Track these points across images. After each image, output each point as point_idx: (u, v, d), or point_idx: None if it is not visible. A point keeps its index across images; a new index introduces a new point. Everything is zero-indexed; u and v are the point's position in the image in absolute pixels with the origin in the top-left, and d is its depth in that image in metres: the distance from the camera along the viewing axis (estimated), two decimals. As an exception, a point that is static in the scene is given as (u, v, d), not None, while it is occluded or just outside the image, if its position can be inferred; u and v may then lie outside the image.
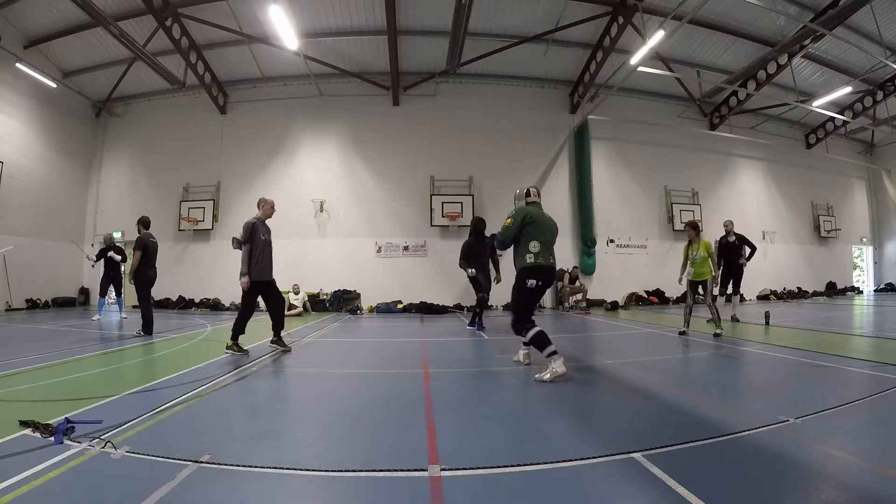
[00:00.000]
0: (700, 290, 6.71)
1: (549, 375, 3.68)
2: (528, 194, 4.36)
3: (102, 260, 9.32)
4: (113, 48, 11.71)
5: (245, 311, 5.36)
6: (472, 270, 7.12)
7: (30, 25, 11.38)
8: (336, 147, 13.41)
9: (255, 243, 5.33)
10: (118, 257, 9.25)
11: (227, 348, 5.16)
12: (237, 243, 5.42)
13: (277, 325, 5.56)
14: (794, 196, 16.43)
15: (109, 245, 9.38)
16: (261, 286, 5.40)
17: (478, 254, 7.21)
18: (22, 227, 11.79)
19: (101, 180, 14.13)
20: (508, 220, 4.14)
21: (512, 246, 4.18)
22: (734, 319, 8.09)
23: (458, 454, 2.16)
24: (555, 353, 3.77)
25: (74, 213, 13.65)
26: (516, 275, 4.13)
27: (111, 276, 9.35)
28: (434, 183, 13.17)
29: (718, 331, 6.28)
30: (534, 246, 4.02)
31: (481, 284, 7.25)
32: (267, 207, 5.63)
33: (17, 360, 4.66)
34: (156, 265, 6.98)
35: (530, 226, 4.06)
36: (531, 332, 3.93)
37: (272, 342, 5.56)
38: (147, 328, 6.64)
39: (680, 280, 7.11)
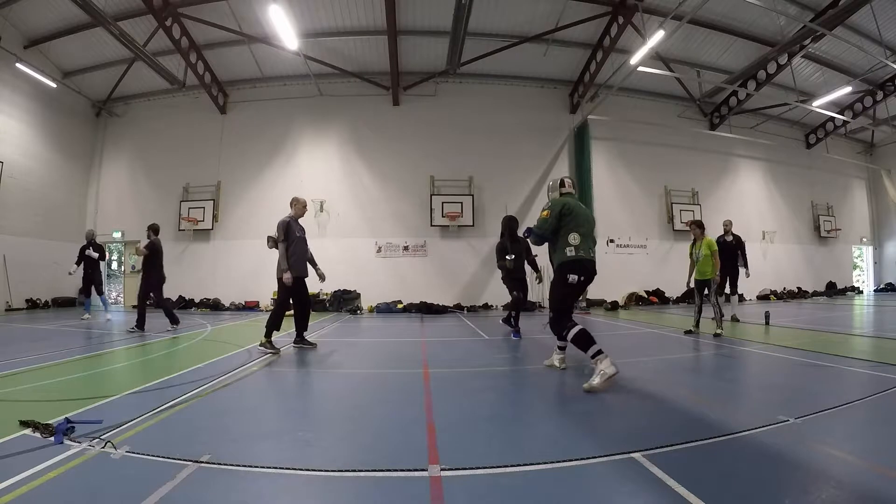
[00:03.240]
0: (706, 289, 6.71)
1: (598, 380, 3.33)
2: (562, 184, 4.09)
3: (83, 261, 9.16)
4: (113, 48, 11.71)
5: (280, 308, 5.48)
6: (511, 257, 6.70)
7: (30, 25, 11.37)
8: (336, 147, 13.41)
9: (291, 240, 5.43)
10: (95, 255, 9.15)
11: (260, 345, 5.24)
12: (273, 242, 5.51)
13: (302, 326, 5.69)
14: (793, 196, 16.43)
15: (90, 241, 9.26)
16: (296, 283, 5.47)
17: (513, 254, 6.97)
18: (22, 227, 11.79)
19: (101, 180, 14.11)
20: (545, 213, 3.86)
21: (548, 241, 3.92)
22: (734, 319, 8.11)
23: (458, 454, 2.16)
24: (600, 352, 3.46)
25: (74, 213, 13.63)
26: (555, 270, 3.87)
27: (90, 275, 9.20)
28: (434, 183, 13.17)
29: (719, 331, 6.28)
30: (573, 238, 3.74)
31: (515, 283, 7.12)
32: (300, 206, 5.74)
33: (17, 360, 4.67)
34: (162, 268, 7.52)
35: (568, 217, 3.78)
36: (573, 331, 3.62)
37: (296, 342, 5.64)
38: (173, 319, 7.31)
39: (688, 284, 7.09)
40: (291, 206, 5.73)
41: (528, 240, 4.11)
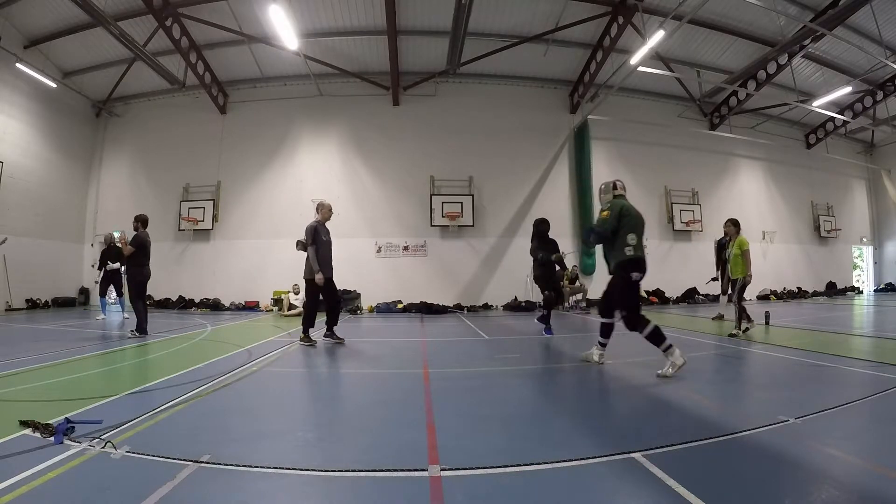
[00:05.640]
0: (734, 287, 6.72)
1: (671, 369, 3.73)
2: (614, 187, 4.29)
3: (101, 259, 9.39)
4: (113, 48, 11.70)
5: (312, 307, 5.98)
6: (543, 255, 6.75)
7: (30, 25, 11.37)
8: (336, 147, 13.41)
9: (319, 244, 5.77)
10: (116, 265, 9.18)
11: (300, 341, 5.78)
12: (302, 246, 5.85)
13: (332, 321, 6.07)
14: (794, 196, 16.42)
15: (110, 244, 9.38)
16: (325, 283, 5.81)
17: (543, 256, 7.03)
18: (22, 227, 11.78)
19: (101, 180, 14.11)
20: (605, 213, 4.11)
21: (605, 241, 4.14)
22: (718, 317, 8.18)
23: (458, 454, 2.16)
24: (671, 346, 3.81)
25: (74, 213, 13.64)
26: (616, 270, 4.04)
27: (110, 277, 9.35)
28: (434, 183, 13.17)
29: (735, 332, 6.27)
30: (632, 238, 3.98)
31: (548, 283, 7.14)
32: (325, 211, 6.07)
33: (17, 360, 4.66)
34: (149, 264, 6.86)
35: (626, 218, 4.02)
36: (648, 328, 3.89)
37: (325, 336, 6.03)
38: (141, 328, 6.54)
39: (715, 279, 7.49)
40: (318, 210, 6.05)
41: (589, 240, 4.33)
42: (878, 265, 18.11)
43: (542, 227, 7.03)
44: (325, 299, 5.98)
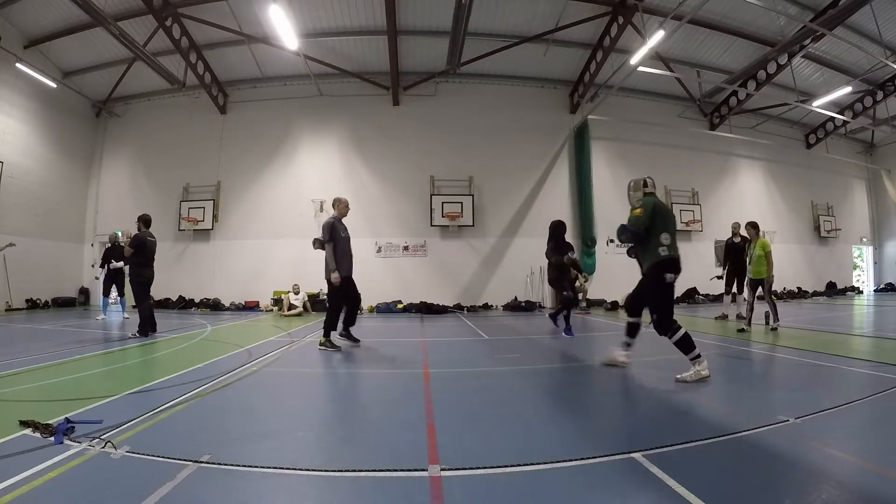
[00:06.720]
0: (759, 288, 6.88)
1: (692, 376, 3.59)
2: (644, 184, 4.12)
3: (103, 258, 9.44)
4: (113, 48, 11.70)
5: (335, 308, 5.63)
6: (570, 255, 6.86)
7: (30, 25, 11.37)
8: (336, 147, 13.41)
9: (337, 241, 5.54)
10: (119, 264, 9.18)
11: (320, 345, 5.44)
12: (319, 244, 5.62)
13: (349, 321, 5.89)
14: (794, 196, 16.41)
15: (114, 244, 9.39)
16: (344, 281, 5.59)
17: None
18: (22, 227, 11.77)
19: (101, 180, 14.11)
20: (638, 211, 3.91)
21: (638, 239, 3.94)
22: (739, 317, 8.16)
23: (458, 454, 2.16)
24: (699, 356, 3.67)
25: (74, 213, 13.64)
26: (649, 270, 3.84)
27: (113, 277, 9.36)
28: (434, 183, 13.17)
29: (775, 325, 6.66)
30: (665, 238, 3.78)
31: (564, 284, 7.13)
32: (342, 206, 5.83)
33: (17, 360, 4.66)
34: (153, 265, 6.83)
35: (660, 216, 3.84)
36: (678, 334, 3.70)
37: (341, 335, 5.81)
38: (143, 329, 6.49)
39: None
40: (334, 206, 5.84)
41: (621, 238, 4.08)
42: (878, 265, 18.11)
43: (558, 229, 7.07)
44: (346, 299, 5.79)
